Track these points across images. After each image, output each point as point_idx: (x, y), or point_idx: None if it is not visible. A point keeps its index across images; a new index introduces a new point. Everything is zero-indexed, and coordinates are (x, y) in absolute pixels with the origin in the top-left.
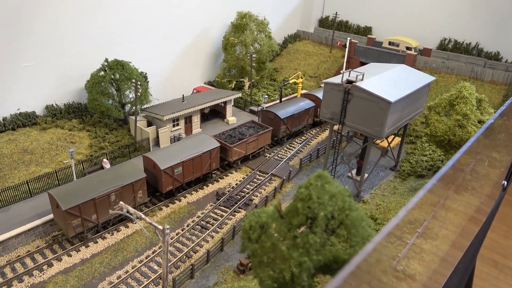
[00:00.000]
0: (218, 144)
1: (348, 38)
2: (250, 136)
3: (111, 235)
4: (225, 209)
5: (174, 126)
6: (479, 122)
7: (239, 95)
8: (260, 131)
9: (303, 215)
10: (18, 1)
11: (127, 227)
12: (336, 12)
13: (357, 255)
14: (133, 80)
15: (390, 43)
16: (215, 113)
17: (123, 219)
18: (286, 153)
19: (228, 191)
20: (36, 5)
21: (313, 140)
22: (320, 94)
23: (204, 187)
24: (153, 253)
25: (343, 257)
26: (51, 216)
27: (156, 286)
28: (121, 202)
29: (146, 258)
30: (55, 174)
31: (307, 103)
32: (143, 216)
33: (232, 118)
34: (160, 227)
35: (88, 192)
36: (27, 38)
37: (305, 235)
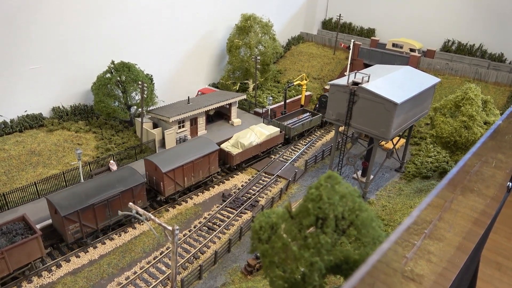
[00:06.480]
0: None
1: (352, 40)
2: None
3: (118, 236)
4: (232, 210)
5: (179, 127)
6: (485, 123)
7: (244, 97)
8: (19, 239)
9: (313, 215)
10: (24, 4)
11: (134, 228)
12: (340, 14)
13: (373, 254)
14: (139, 82)
15: (393, 45)
16: (220, 115)
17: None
18: (291, 155)
19: (234, 193)
20: (43, 8)
21: (317, 141)
22: (165, 165)
23: (210, 188)
24: (160, 254)
25: (353, 257)
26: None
27: (164, 287)
28: (130, 203)
29: (153, 259)
30: (62, 175)
31: (127, 182)
32: (152, 217)
33: (237, 120)
34: (170, 228)
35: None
36: (34, 41)
37: (316, 236)
